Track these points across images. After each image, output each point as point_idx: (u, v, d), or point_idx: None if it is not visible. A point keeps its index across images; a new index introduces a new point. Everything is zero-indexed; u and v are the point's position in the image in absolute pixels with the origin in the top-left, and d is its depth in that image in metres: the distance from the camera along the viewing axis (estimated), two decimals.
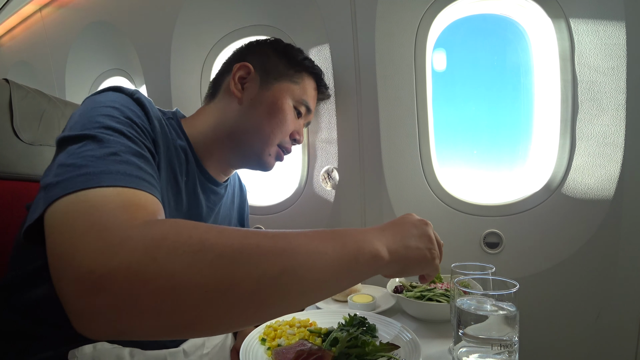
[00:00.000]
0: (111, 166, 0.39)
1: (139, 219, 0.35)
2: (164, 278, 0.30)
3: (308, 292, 0.36)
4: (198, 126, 0.70)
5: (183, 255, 0.31)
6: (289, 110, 0.74)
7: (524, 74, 0.99)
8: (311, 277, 0.35)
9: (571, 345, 0.86)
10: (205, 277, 0.31)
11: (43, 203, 0.37)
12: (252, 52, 0.77)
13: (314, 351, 0.51)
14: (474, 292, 0.49)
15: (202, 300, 0.31)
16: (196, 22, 1.16)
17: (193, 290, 0.30)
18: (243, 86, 0.73)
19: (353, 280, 0.41)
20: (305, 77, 0.79)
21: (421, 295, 0.71)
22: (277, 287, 0.33)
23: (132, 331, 0.31)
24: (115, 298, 0.29)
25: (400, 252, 0.44)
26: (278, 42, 0.79)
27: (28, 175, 0.75)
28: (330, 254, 0.37)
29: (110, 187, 0.37)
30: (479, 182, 1.03)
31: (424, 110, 0.97)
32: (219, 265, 0.31)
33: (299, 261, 0.35)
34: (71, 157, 0.41)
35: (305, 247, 0.36)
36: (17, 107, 0.73)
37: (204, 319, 0.31)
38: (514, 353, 0.45)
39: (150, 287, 0.30)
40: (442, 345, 0.61)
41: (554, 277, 0.85)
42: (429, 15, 0.94)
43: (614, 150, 0.80)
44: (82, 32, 1.40)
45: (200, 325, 0.32)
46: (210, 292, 0.31)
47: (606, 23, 0.78)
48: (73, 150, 0.42)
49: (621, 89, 0.78)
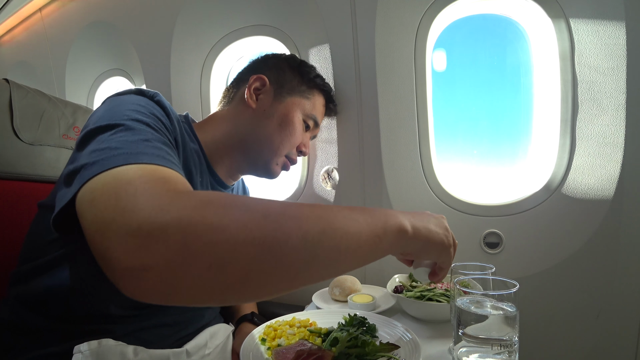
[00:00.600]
0: (146, 149, 0.41)
1: (184, 188, 0.37)
2: (215, 232, 0.31)
3: (345, 255, 0.38)
4: (210, 131, 0.74)
5: (231, 213, 0.33)
6: (299, 123, 0.79)
7: (524, 74, 0.99)
8: (348, 240, 0.37)
9: (571, 345, 0.86)
10: (254, 232, 0.32)
11: (78, 182, 0.38)
12: (268, 65, 0.81)
13: (314, 351, 0.52)
14: (474, 292, 0.49)
15: (251, 254, 0.32)
16: (196, 22, 1.16)
17: (243, 245, 0.31)
18: (257, 97, 0.77)
19: (381, 251, 0.42)
20: (316, 93, 0.84)
21: (421, 295, 0.71)
22: (319, 246, 0.35)
23: (181, 290, 0.31)
24: (168, 250, 0.30)
25: (422, 231, 0.46)
26: (293, 58, 0.84)
27: (28, 175, 0.75)
28: (362, 222, 0.39)
29: (150, 164, 0.39)
30: (479, 182, 1.03)
31: (424, 110, 0.97)
32: (265, 224, 0.33)
33: (336, 224, 0.37)
34: (104, 142, 0.42)
35: (340, 214, 0.38)
36: (17, 107, 0.73)
37: (253, 275, 0.32)
38: (514, 353, 0.45)
39: (203, 240, 0.31)
40: (442, 345, 0.61)
41: (554, 277, 0.85)
42: (429, 15, 0.94)
43: (614, 150, 0.80)
44: (82, 32, 1.40)
45: (249, 282, 0.32)
46: (259, 247, 0.32)
47: (606, 23, 0.78)
48: (105, 137, 0.43)
49: (621, 89, 0.78)
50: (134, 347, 0.52)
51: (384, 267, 0.96)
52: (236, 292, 0.33)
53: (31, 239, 0.58)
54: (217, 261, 0.31)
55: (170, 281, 0.30)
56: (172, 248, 0.30)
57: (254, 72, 0.80)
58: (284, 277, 0.34)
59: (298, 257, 0.34)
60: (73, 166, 0.42)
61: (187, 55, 1.20)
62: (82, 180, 0.38)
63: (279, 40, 1.11)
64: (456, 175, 1.03)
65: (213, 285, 0.31)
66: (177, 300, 0.32)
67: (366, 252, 0.40)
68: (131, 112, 0.48)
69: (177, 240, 0.30)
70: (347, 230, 0.38)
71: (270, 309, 0.95)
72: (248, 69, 0.83)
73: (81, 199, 0.37)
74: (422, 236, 0.46)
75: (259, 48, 1.23)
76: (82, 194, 0.37)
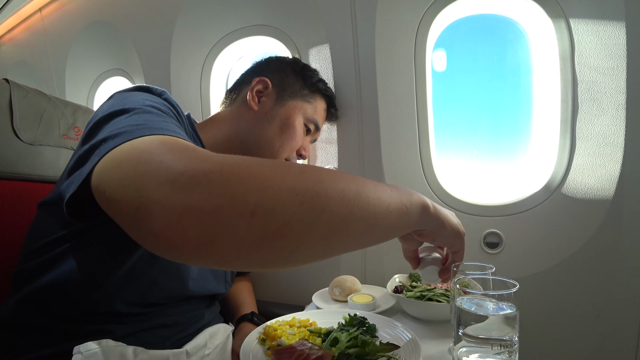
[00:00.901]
0: (169, 127, 0.41)
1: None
2: (258, 179, 0.31)
3: (377, 219, 0.38)
4: (211, 132, 0.74)
5: (270, 166, 0.34)
6: (300, 127, 0.79)
7: (524, 74, 0.99)
8: (379, 205, 0.38)
9: (571, 345, 0.86)
10: (295, 183, 0.32)
11: (97, 155, 0.38)
12: (271, 68, 0.82)
13: (314, 351, 0.51)
14: (474, 292, 0.49)
15: (294, 203, 0.32)
16: (196, 22, 1.16)
17: (286, 192, 0.32)
18: (259, 99, 0.78)
19: (406, 223, 0.44)
20: (318, 97, 0.84)
21: (421, 295, 0.71)
22: (355, 204, 0.36)
23: (221, 237, 0.30)
24: (212, 193, 0.30)
25: (441, 212, 0.50)
26: (297, 62, 0.85)
27: (28, 175, 0.75)
28: (390, 192, 0.41)
29: (175, 137, 0.39)
30: (479, 182, 1.03)
31: (424, 110, 0.97)
32: (303, 177, 0.34)
33: (368, 189, 0.38)
34: (122, 122, 0.42)
35: (369, 182, 0.40)
36: (17, 107, 0.73)
37: (294, 226, 0.32)
38: (514, 353, 0.45)
39: (247, 185, 0.31)
40: (442, 345, 0.61)
41: (554, 277, 0.85)
42: (429, 15, 0.94)
43: (614, 150, 0.80)
44: (82, 32, 1.40)
45: (290, 232, 0.32)
46: (301, 196, 0.32)
47: (606, 23, 0.78)
48: (121, 119, 0.43)
49: (621, 89, 0.78)
50: (133, 348, 0.52)
51: (384, 267, 0.96)
52: (275, 246, 0.32)
53: (32, 236, 0.57)
54: (261, 207, 0.30)
55: (212, 226, 0.29)
56: (215, 191, 0.30)
57: (256, 74, 0.80)
58: (323, 233, 0.34)
59: (337, 212, 0.34)
60: (85, 147, 0.41)
61: (187, 55, 1.20)
62: (103, 152, 0.37)
63: (279, 40, 1.11)
64: (456, 175, 1.03)
65: (254, 233, 0.30)
66: (214, 252, 0.31)
67: (394, 220, 0.41)
68: (144, 100, 0.48)
69: (220, 184, 0.30)
70: (378, 196, 0.39)
71: (270, 309, 0.95)
72: (251, 71, 0.84)
73: (103, 167, 0.37)
74: (441, 215, 0.49)
75: (259, 48, 1.23)
76: (103, 163, 0.37)
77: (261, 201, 0.31)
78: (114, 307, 0.53)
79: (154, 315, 0.59)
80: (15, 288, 0.56)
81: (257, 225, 0.30)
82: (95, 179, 0.37)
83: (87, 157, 0.40)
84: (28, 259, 0.55)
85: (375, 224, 0.38)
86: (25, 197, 0.73)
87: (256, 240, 0.31)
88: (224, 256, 0.31)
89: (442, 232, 0.51)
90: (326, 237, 0.34)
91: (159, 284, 0.57)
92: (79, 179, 0.40)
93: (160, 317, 0.59)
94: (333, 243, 0.35)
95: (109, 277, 0.52)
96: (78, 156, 0.43)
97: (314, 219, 0.33)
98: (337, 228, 0.34)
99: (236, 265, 0.33)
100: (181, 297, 0.64)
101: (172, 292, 0.62)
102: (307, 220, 0.32)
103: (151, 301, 0.58)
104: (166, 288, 0.60)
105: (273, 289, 1.09)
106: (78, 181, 0.40)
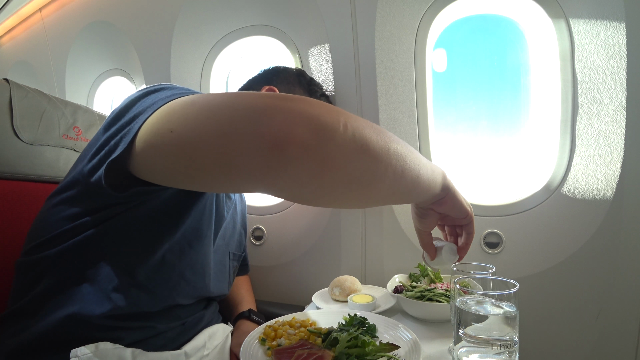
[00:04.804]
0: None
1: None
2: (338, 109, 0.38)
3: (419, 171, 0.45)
4: None
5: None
6: None
7: (524, 74, 0.99)
8: (418, 160, 0.45)
9: (571, 345, 0.86)
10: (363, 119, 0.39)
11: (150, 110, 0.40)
12: (278, 78, 0.83)
13: (314, 351, 0.51)
14: (474, 292, 0.49)
15: (370, 128, 0.38)
16: (196, 22, 1.16)
17: (362, 121, 0.38)
18: None
19: (433, 189, 0.51)
20: None
21: (421, 295, 0.71)
22: (406, 150, 0.43)
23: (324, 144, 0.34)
24: (311, 104, 0.35)
25: (453, 184, 0.57)
26: (303, 75, 0.87)
27: (28, 175, 0.75)
28: (422, 159, 0.48)
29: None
30: (478, 182, 1.03)
31: (424, 110, 0.97)
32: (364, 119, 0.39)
33: (404, 144, 0.44)
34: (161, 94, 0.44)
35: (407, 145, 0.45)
36: (17, 107, 0.73)
37: (374, 145, 0.38)
38: (514, 353, 0.45)
39: (333, 107, 0.37)
40: (442, 345, 0.61)
41: (554, 277, 0.85)
42: (429, 15, 0.94)
43: (614, 150, 0.80)
44: (82, 32, 1.40)
45: (372, 149, 0.37)
46: (372, 127, 0.39)
47: (606, 23, 0.78)
48: (156, 95, 0.45)
49: (621, 89, 0.78)
50: (132, 350, 0.52)
51: (384, 267, 0.96)
52: (361, 160, 0.37)
53: (42, 225, 0.55)
54: (350, 123, 0.36)
55: (315, 128, 0.33)
56: (314, 104, 0.35)
57: (265, 82, 0.80)
58: (393, 160, 0.40)
59: (396, 148, 0.41)
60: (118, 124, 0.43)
61: (187, 55, 1.20)
62: (155, 108, 0.39)
63: (279, 40, 1.11)
64: (456, 175, 1.03)
65: (348, 142, 0.35)
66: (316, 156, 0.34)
67: (430, 175, 0.48)
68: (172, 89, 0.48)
69: (314, 102, 0.35)
70: (415, 155, 0.45)
71: (270, 309, 0.95)
72: (259, 78, 0.84)
73: (164, 114, 0.38)
74: (453, 186, 0.56)
75: (259, 48, 1.23)
76: (160, 113, 0.39)
77: (349, 119, 0.36)
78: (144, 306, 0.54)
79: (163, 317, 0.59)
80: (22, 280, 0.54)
81: (349, 136, 0.35)
82: (151, 128, 0.38)
83: (131, 121, 0.41)
84: (32, 252, 0.54)
85: (420, 170, 0.45)
86: (26, 197, 0.73)
87: (349, 150, 0.35)
88: (324, 160, 0.34)
89: (457, 202, 0.56)
90: (394, 167, 0.40)
91: (185, 278, 0.59)
92: (128, 136, 0.40)
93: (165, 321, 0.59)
94: (398, 176, 0.41)
95: (139, 269, 0.52)
96: (115, 129, 0.43)
97: (385, 147, 0.39)
98: (401, 160, 0.41)
99: (328, 177, 0.36)
100: (201, 296, 0.65)
101: (197, 289, 0.63)
102: (381, 145, 0.38)
103: (177, 300, 0.59)
104: (192, 284, 0.61)
105: (273, 289, 1.09)
106: (126, 140, 0.41)
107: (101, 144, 0.47)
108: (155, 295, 0.55)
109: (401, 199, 0.50)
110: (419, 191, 0.48)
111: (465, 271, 0.55)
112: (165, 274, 0.56)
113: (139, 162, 0.41)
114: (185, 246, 0.58)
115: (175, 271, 0.57)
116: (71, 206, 0.52)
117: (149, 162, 0.41)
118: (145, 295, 0.54)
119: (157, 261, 0.54)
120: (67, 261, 0.51)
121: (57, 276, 0.51)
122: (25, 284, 0.54)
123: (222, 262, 0.75)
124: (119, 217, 0.51)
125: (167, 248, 0.55)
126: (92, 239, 0.51)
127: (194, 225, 0.59)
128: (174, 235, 0.56)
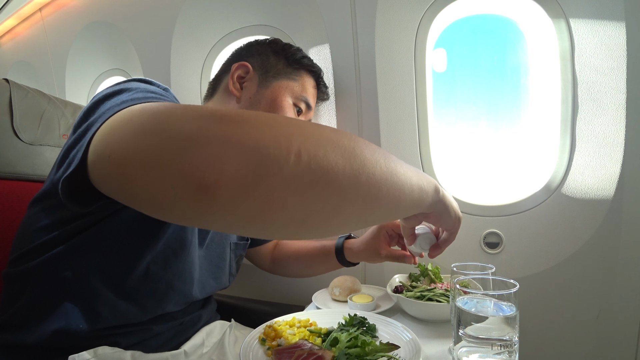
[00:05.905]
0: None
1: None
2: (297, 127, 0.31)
3: (403, 189, 0.39)
4: None
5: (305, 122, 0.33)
6: (289, 107, 0.75)
7: (524, 74, 0.99)
8: (405, 176, 0.39)
9: (571, 345, 0.86)
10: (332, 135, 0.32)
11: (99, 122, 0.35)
12: (250, 52, 0.78)
13: (314, 351, 0.51)
14: (474, 292, 0.49)
15: (334, 152, 0.31)
16: (196, 22, 1.16)
17: (325, 141, 0.31)
18: (242, 85, 0.74)
19: (423, 202, 0.44)
20: (304, 74, 0.80)
21: (421, 295, 0.71)
22: (386, 169, 0.36)
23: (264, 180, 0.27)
24: (253, 128, 0.28)
25: (447, 197, 0.52)
26: (276, 42, 0.80)
27: (28, 175, 0.75)
28: (410, 172, 0.41)
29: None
30: (478, 182, 1.03)
31: (424, 110, 0.97)
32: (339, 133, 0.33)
33: (393, 159, 0.38)
34: (123, 97, 0.41)
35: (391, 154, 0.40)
36: (17, 107, 0.73)
37: (338, 174, 0.31)
38: (514, 353, 0.45)
39: (288, 128, 0.30)
40: (442, 345, 0.61)
41: (554, 277, 0.85)
42: (429, 15, 0.94)
43: (614, 150, 0.79)
44: (82, 32, 1.40)
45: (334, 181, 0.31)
46: (340, 148, 0.31)
47: (606, 23, 0.78)
48: (121, 96, 0.42)
49: (621, 89, 0.78)
50: (131, 353, 0.52)
51: (384, 267, 0.96)
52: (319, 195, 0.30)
53: (22, 235, 0.55)
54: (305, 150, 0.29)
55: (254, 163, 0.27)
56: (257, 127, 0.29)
57: (236, 60, 0.77)
58: (363, 190, 0.33)
59: (373, 172, 0.34)
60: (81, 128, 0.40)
61: (187, 55, 1.20)
62: (106, 117, 0.34)
63: None
64: (456, 175, 1.03)
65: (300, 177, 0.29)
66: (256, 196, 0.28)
67: (416, 195, 0.42)
68: (146, 87, 0.47)
69: (261, 123, 0.29)
70: (404, 169, 0.39)
71: (270, 309, 0.95)
72: (231, 58, 0.81)
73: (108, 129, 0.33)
74: (447, 199, 0.51)
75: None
76: (107, 126, 0.33)
77: (305, 145, 0.29)
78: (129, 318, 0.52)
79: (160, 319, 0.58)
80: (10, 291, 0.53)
81: (302, 168, 0.28)
82: (97, 146, 0.33)
83: (85, 132, 0.38)
84: (17, 263, 0.52)
85: (401, 196, 0.38)
86: (26, 197, 0.73)
87: (301, 185, 0.28)
88: (268, 201, 0.28)
89: (446, 216, 0.52)
90: (365, 196, 0.33)
91: (174, 288, 0.57)
92: (80, 150, 0.36)
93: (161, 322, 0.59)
94: (369, 205, 0.34)
95: (124, 281, 0.50)
96: (73, 139, 0.41)
97: (355, 173, 0.31)
98: (375, 188, 0.34)
99: (276, 217, 0.29)
100: (193, 300, 0.64)
101: (187, 296, 0.61)
102: (349, 172, 0.31)
103: (167, 309, 0.58)
104: (182, 293, 0.59)
105: (273, 289, 1.09)
106: (79, 154, 0.36)
107: (64, 153, 0.44)
108: (144, 307, 0.54)
109: (374, 224, 0.46)
110: (397, 216, 0.44)
111: (465, 271, 0.55)
112: (151, 286, 0.54)
113: (93, 179, 0.36)
114: (171, 256, 0.55)
115: (161, 282, 0.55)
116: (47, 216, 0.51)
117: (99, 182, 0.36)
118: (133, 307, 0.53)
119: (141, 273, 0.52)
120: (49, 273, 0.49)
121: (40, 288, 0.49)
122: (12, 295, 0.52)
123: (220, 256, 0.72)
124: (95, 227, 0.49)
125: (150, 259, 0.52)
126: (70, 251, 0.49)
127: (177, 234, 0.56)
128: (156, 246, 0.53)
